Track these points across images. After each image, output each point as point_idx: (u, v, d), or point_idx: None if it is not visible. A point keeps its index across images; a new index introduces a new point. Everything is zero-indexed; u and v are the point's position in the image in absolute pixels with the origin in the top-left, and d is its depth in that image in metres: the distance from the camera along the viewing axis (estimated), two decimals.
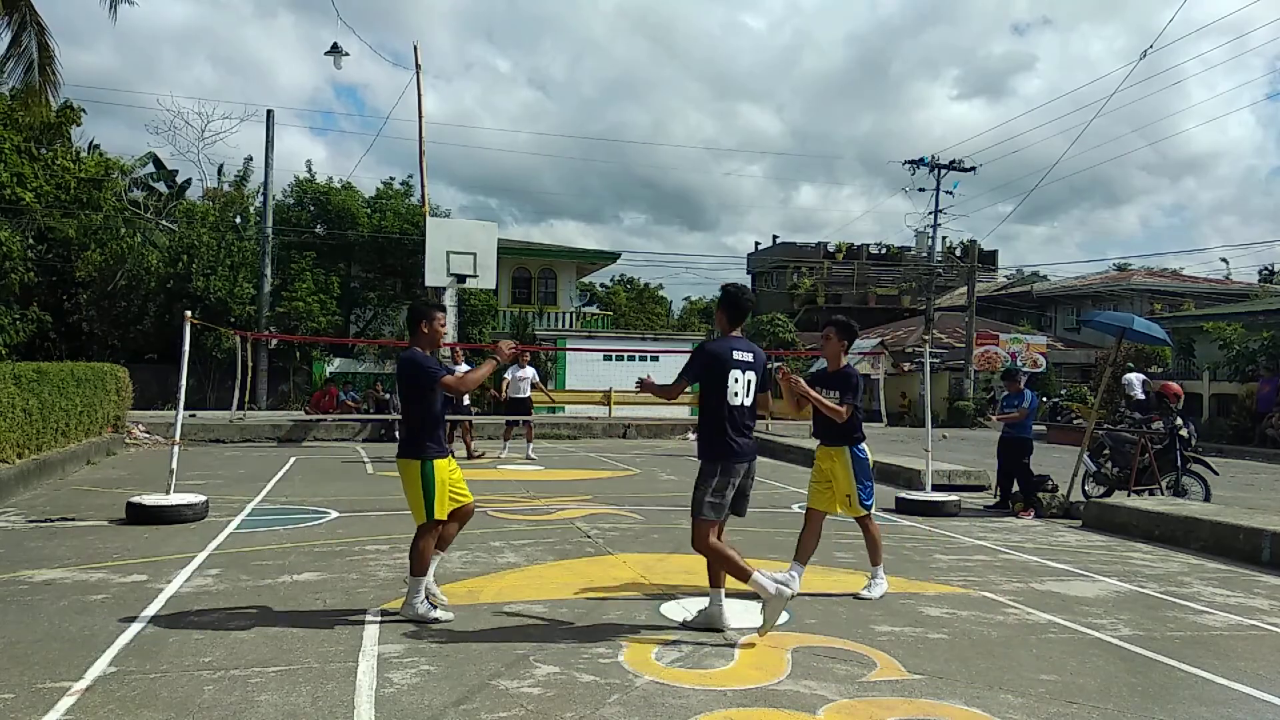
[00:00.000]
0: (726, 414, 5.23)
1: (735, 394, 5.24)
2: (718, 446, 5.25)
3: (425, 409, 5.48)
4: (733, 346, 5.32)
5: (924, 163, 34.64)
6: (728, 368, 5.23)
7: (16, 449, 10.51)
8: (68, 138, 26.64)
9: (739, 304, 5.51)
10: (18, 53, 15.56)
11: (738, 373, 5.25)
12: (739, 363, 5.27)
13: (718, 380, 5.24)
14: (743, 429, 5.28)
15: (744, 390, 5.28)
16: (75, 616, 5.31)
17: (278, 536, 8.08)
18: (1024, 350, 34.57)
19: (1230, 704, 4.40)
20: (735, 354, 5.28)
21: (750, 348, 5.42)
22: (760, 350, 5.52)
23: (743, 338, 5.49)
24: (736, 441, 5.23)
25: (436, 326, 5.63)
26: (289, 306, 26.19)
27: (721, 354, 5.26)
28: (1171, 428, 11.30)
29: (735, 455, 5.23)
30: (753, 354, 5.38)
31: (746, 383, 5.29)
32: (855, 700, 4.25)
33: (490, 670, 4.52)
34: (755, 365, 5.35)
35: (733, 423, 5.24)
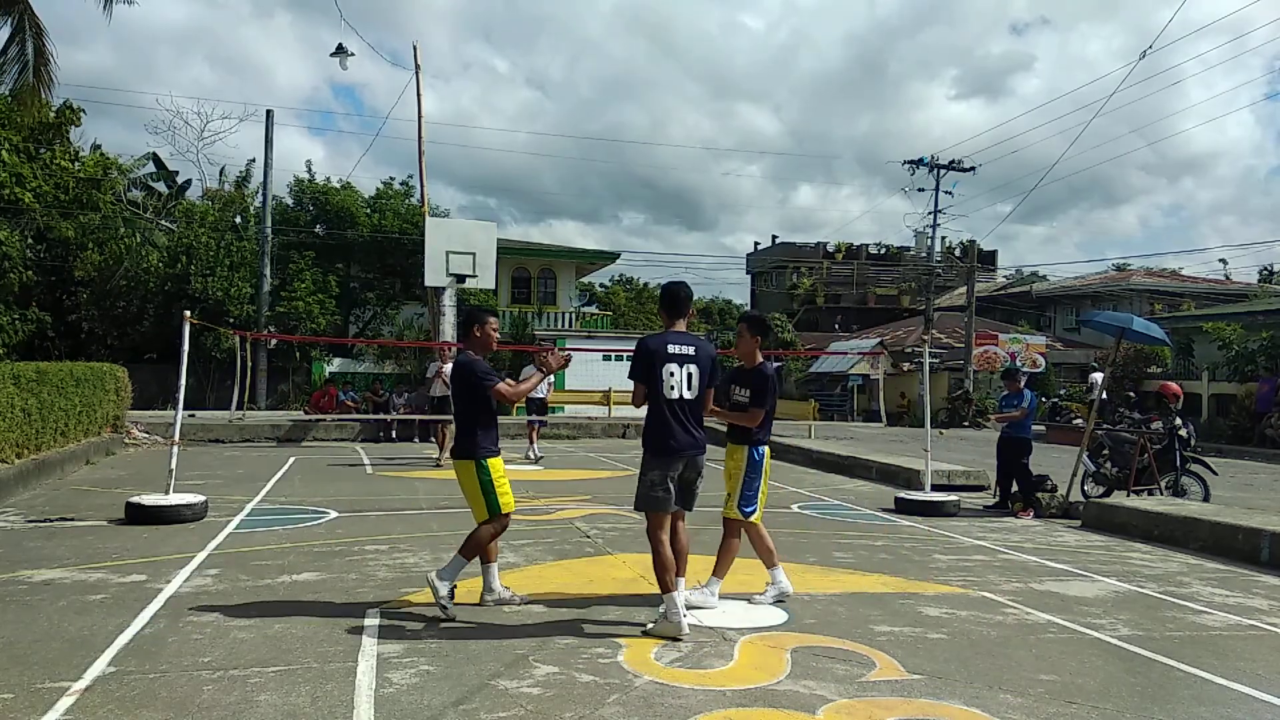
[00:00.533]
0: (663, 407, 5.23)
1: (671, 388, 5.22)
2: (653, 440, 5.29)
3: (478, 410, 5.62)
4: (668, 340, 5.31)
5: (923, 163, 34.64)
6: (662, 362, 5.23)
7: (15, 449, 10.51)
8: (67, 138, 26.62)
9: (672, 298, 5.51)
10: (14, 53, 15.56)
11: (674, 366, 5.23)
12: (674, 356, 5.24)
13: (653, 375, 5.23)
14: (681, 423, 5.25)
15: (682, 384, 5.24)
16: (74, 616, 5.31)
17: (277, 536, 8.08)
18: (1023, 350, 34.56)
19: (1229, 704, 4.40)
20: (670, 347, 5.26)
21: (692, 341, 5.38)
22: (706, 344, 5.49)
23: (684, 331, 5.46)
24: (674, 436, 5.23)
25: (489, 331, 5.79)
26: (288, 306, 26.20)
27: (656, 348, 5.27)
28: (1171, 428, 11.31)
29: (671, 450, 5.23)
30: (694, 347, 5.34)
31: (685, 376, 5.25)
32: (854, 700, 4.25)
33: (490, 670, 4.52)
34: (697, 359, 5.30)
35: (671, 416, 5.23)
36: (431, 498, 10.76)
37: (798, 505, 10.99)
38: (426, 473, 13.65)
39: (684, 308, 5.54)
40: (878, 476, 13.83)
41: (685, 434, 5.27)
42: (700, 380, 5.31)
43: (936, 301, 38.11)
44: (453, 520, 9.12)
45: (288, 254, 27.47)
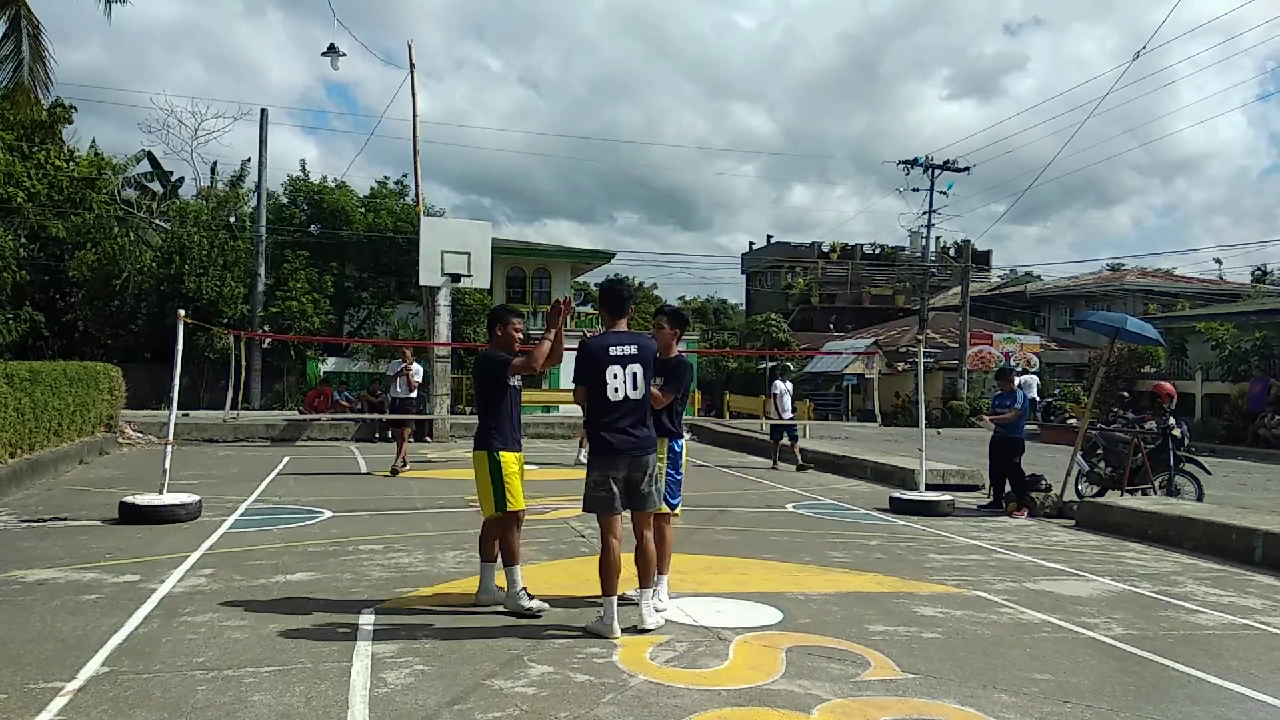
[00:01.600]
0: (607, 408, 5.18)
1: (616, 390, 5.17)
2: (596, 441, 5.24)
3: (495, 402, 5.70)
4: (610, 342, 5.26)
5: (918, 163, 34.69)
6: (605, 363, 5.18)
7: (9, 448, 10.47)
8: (59, 136, 26.56)
9: (614, 297, 5.49)
10: (9, 51, 15.50)
11: (617, 368, 5.17)
12: (617, 357, 5.19)
13: (597, 377, 5.18)
14: (626, 423, 5.19)
15: (626, 384, 5.18)
16: (68, 616, 5.30)
17: (271, 536, 8.06)
18: (1017, 350, 34.66)
19: (1223, 703, 4.41)
20: (613, 349, 5.21)
21: (634, 339, 5.32)
22: (648, 341, 5.45)
23: (626, 330, 5.41)
24: (616, 437, 5.18)
25: (510, 331, 5.84)
26: (283, 306, 26.15)
27: (597, 350, 5.22)
28: (1164, 427, 11.33)
29: (613, 449, 5.18)
30: (636, 346, 5.27)
31: (630, 376, 5.19)
32: (849, 699, 4.25)
33: (485, 670, 4.51)
34: (640, 357, 5.24)
35: (614, 417, 5.18)
36: (426, 497, 10.75)
37: (792, 505, 11.00)
38: (421, 472, 13.64)
39: (625, 307, 5.50)
40: (872, 476, 13.84)
41: (628, 434, 5.19)
42: (645, 379, 5.26)
43: (931, 301, 38.15)
44: (447, 520, 9.11)
45: (282, 253, 27.42)
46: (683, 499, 6.07)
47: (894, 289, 51.16)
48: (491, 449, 5.65)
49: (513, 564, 5.68)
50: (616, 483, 5.18)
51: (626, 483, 5.22)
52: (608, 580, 5.16)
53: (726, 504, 10.90)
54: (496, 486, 5.65)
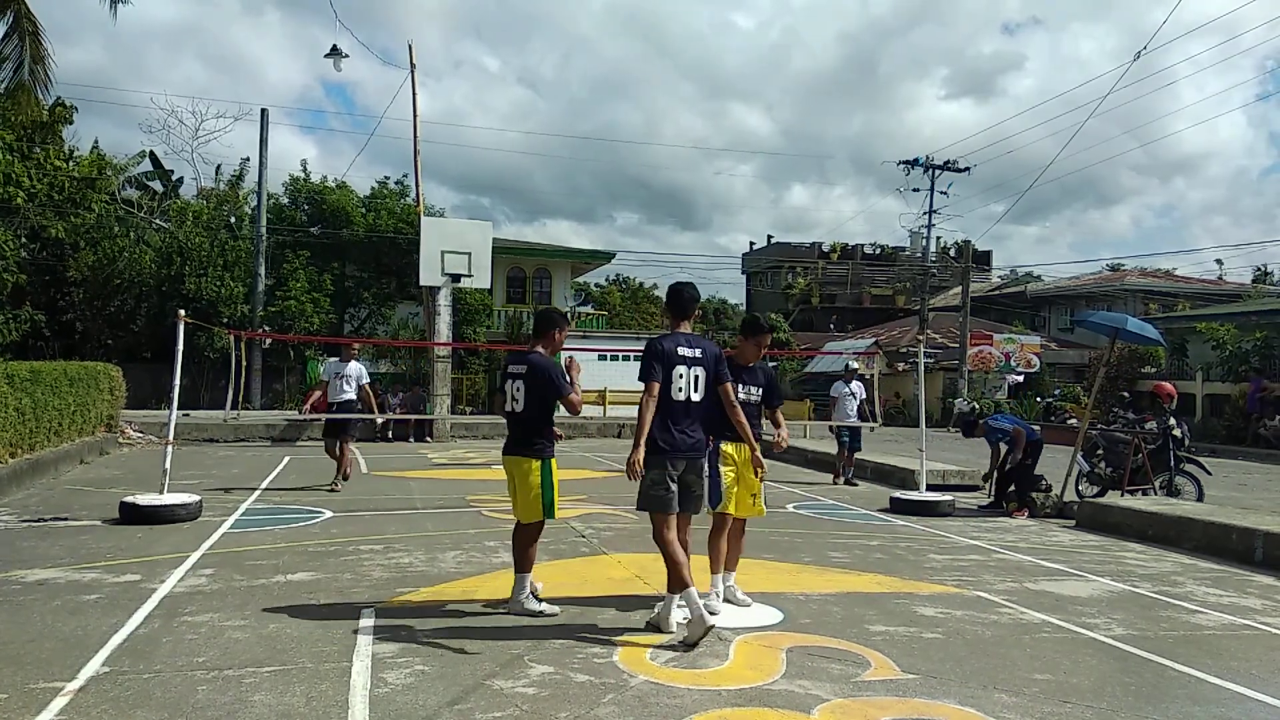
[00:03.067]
0: (670, 408, 5.21)
1: (680, 389, 5.22)
2: (656, 440, 5.21)
3: (548, 410, 5.72)
4: (678, 342, 5.31)
5: (918, 163, 34.71)
6: (672, 364, 5.22)
7: (9, 448, 10.47)
8: (60, 136, 26.56)
9: (679, 298, 5.53)
10: (9, 51, 15.50)
11: (683, 368, 5.23)
12: (684, 358, 5.25)
13: (664, 376, 5.20)
14: (686, 424, 5.24)
15: (690, 386, 5.24)
16: (68, 616, 5.30)
17: (271, 536, 8.06)
18: (1017, 350, 34.65)
19: (1223, 703, 4.41)
20: (680, 350, 5.27)
21: (699, 343, 5.38)
22: (711, 345, 5.48)
23: (691, 333, 5.46)
24: (676, 437, 5.21)
25: (563, 336, 5.96)
26: (283, 306, 26.16)
27: (667, 350, 5.25)
28: (1165, 428, 11.34)
29: (673, 449, 5.21)
30: (701, 349, 5.34)
31: (693, 378, 5.25)
32: (850, 700, 4.25)
33: (485, 670, 4.51)
34: (703, 360, 5.31)
35: (676, 417, 5.22)
36: (426, 498, 10.75)
37: (793, 505, 11.00)
38: (421, 473, 13.63)
39: (690, 309, 5.52)
40: (873, 476, 13.85)
41: (687, 435, 5.26)
42: (706, 382, 5.32)
43: (931, 301, 38.18)
44: (447, 520, 9.12)
45: (282, 253, 27.43)
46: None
47: (894, 289, 51.17)
48: (544, 456, 5.64)
49: (526, 570, 5.73)
50: (674, 481, 5.22)
51: (681, 483, 5.26)
52: (682, 573, 5.12)
53: None
54: (548, 492, 5.62)
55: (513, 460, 5.71)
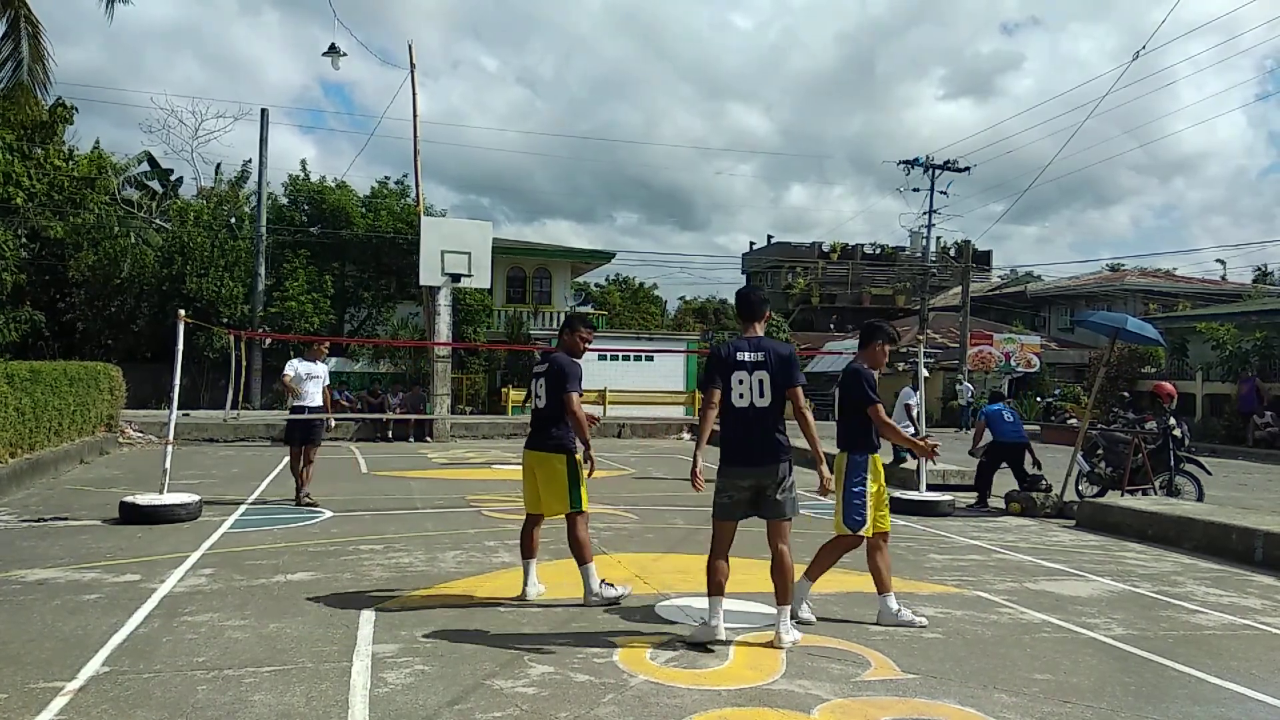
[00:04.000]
0: (733, 417, 5.10)
1: (741, 395, 5.06)
2: (723, 449, 5.17)
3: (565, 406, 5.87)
4: (738, 347, 5.16)
5: (918, 163, 34.71)
6: (731, 369, 5.08)
7: (9, 448, 10.48)
8: (59, 136, 26.56)
9: (745, 302, 5.45)
10: (9, 50, 15.49)
11: (743, 373, 5.07)
12: (744, 363, 5.08)
13: (722, 383, 5.10)
14: (749, 432, 5.08)
15: (752, 391, 5.05)
16: (68, 616, 5.30)
17: (271, 536, 8.06)
18: (1018, 350, 34.64)
19: (1223, 703, 4.41)
20: (740, 355, 5.11)
21: (764, 346, 5.16)
22: (779, 346, 5.22)
23: (758, 336, 5.26)
24: (739, 446, 5.10)
25: (584, 337, 6.11)
26: (283, 306, 26.15)
27: (726, 356, 5.14)
28: (1165, 427, 11.34)
29: (736, 459, 5.11)
30: (764, 352, 5.11)
31: (755, 383, 5.06)
32: (850, 700, 4.25)
33: (485, 670, 4.51)
34: (768, 364, 5.07)
35: (738, 425, 5.10)
36: (426, 498, 10.75)
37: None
38: (422, 473, 13.64)
39: (757, 311, 5.35)
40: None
41: (756, 442, 5.06)
42: (772, 385, 5.07)
43: (931, 301, 38.16)
44: (447, 520, 9.11)
45: (282, 253, 27.44)
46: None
47: (894, 289, 51.14)
48: (570, 451, 5.86)
49: (531, 557, 6.02)
50: (741, 490, 5.10)
51: (753, 490, 5.10)
52: (711, 580, 5.16)
53: None
54: (574, 484, 5.84)
55: (536, 456, 5.92)
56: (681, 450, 18.57)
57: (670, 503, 10.86)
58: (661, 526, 9.07)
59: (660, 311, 58.80)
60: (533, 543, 6.06)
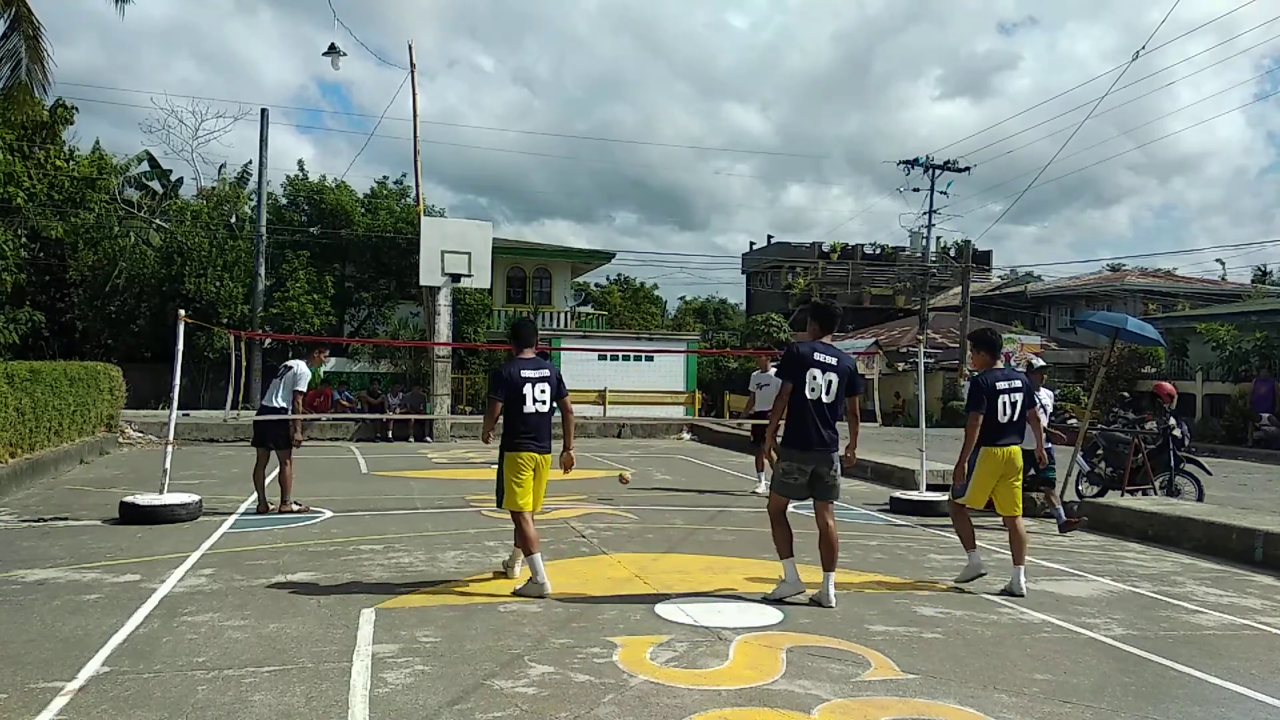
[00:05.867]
0: (805, 407, 5.86)
1: (813, 389, 5.85)
2: (791, 435, 5.96)
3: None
4: (816, 349, 5.99)
5: (918, 163, 34.71)
6: (808, 366, 5.88)
7: (9, 448, 10.48)
8: (60, 137, 26.56)
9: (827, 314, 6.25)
10: (9, 51, 15.48)
11: (817, 371, 5.87)
12: (820, 363, 5.90)
13: (799, 377, 5.89)
14: (818, 422, 5.87)
15: (823, 388, 5.87)
16: (68, 616, 5.30)
17: (271, 536, 8.06)
18: (1018, 350, 34.60)
19: (1223, 703, 4.41)
20: (817, 355, 5.93)
21: (836, 353, 6.01)
22: (848, 357, 6.09)
23: (830, 344, 6.08)
24: (809, 433, 5.88)
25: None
26: (283, 306, 26.15)
27: (806, 354, 5.95)
28: (1165, 428, 11.33)
29: (806, 444, 5.91)
30: (837, 359, 5.97)
31: (827, 383, 5.88)
32: (850, 700, 4.25)
33: (485, 670, 4.51)
34: (838, 369, 5.93)
35: (809, 415, 5.86)
36: (426, 498, 10.75)
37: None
38: (422, 473, 13.64)
39: (834, 323, 6.22)
40: (873, 476, 13.84)
41: (819, 432, 5.87)
42: (839, 387, 5.92)
43: (931, 301, 38.17)
44: (447, 520, 9.12)
45: (282, 253, 27.43)
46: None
47: (894, 289, 51.13)
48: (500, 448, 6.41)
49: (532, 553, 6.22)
50: (804, 474, 5.93)
51: (812, 475, 5.93)
52: (780, 547, 6.10)
53: (726, 504, 10.90)
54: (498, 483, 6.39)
55: (545, 458, 6.37)
56: (681, 450, 18.57)
57: (670, 503, 10.87)
58: (661, 526, 9.07)
59: (660, 311, 58.83)
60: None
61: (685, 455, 17.15)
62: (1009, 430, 6.60)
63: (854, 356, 6.51)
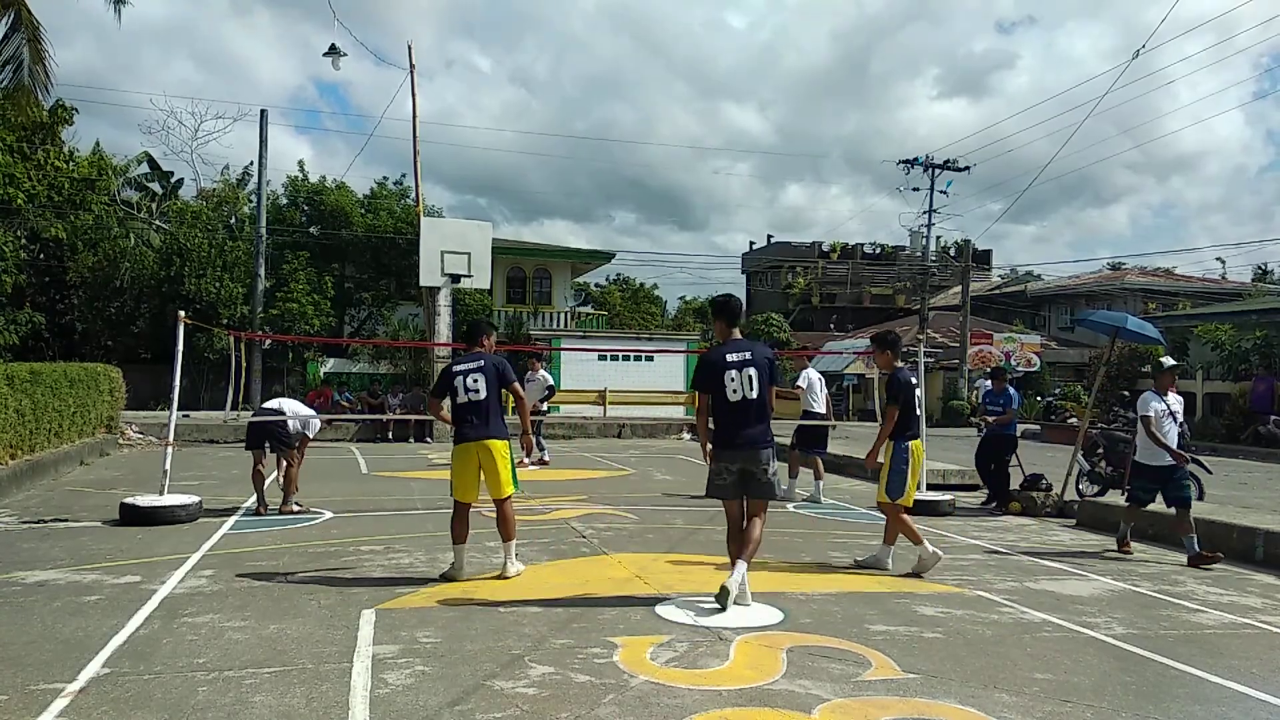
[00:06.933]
0: (726, 409, 5.82)
1: (735, 391, 5.77)
2: (717, 437, 5.90)
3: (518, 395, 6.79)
4: (725, 351, 5.88)
5: (918, 162, 34.72)
6: (722, 370, 5.79)
7: (9, 450, 10.48)
8: (59, 138, 26.56)
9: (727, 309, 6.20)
10: (9, 52, 15.48)
11: (733, 372, 5.78)
12: (732, 363, 5.80)
13: (716, 383, 5.82)
14: (742, 421, 5.80)
15: (744, 386, 5.77)
16: (69, 618, 5.30)
17: (272, 537, 8.06)
18: (1018, 349, 34.64)
19: (1224, 702, 4.41)
20: (728, 356, 5.83)
21: (747, 347, 5.94)
22: (761, 347, 6.03)
23: (740, 339, 6.04)
24: (734, 433, 5.80)
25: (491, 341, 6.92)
26: (283, 307, 26.15)
27: (715, 360, 5.88)
28: None
29: (732, 444, 5.83)
30: (750, 352, 5.87)
31: (745, 379, 5.77)
32: (850, 699, 4.25)
33: (485, 670, 4.51)
34: (754, 362, 5.80)
35: (732, 416, 5.81)
36: (427, 498, 10.74)
37: (793, 505, 10.98)
38: (422, 473, 13.63)
39: (737, 318, 6.19)
40: (873, 476, 13.81)
41: (743, 431, 5.78)
42: (760, 380, 5.79)
43: (931, 301, 38.19)
44: (447, 521, 9.07)
45: (282, 254, 27.44)
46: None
47: (894, 289, 51.17)
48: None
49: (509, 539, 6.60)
50: (731, 474, 5.83)
51: (741, 474, 5.82)
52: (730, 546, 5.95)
53: None
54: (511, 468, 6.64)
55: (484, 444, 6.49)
56: (682, 450, 18.56)
57: (670, 503, 10.87)
58: (661, 527, 9.07)
59: (660, 311, 58.81)
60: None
61: (685, 455, 17.13)
62: (916, 422, 7.27)
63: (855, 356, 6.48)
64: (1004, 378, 11.52)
